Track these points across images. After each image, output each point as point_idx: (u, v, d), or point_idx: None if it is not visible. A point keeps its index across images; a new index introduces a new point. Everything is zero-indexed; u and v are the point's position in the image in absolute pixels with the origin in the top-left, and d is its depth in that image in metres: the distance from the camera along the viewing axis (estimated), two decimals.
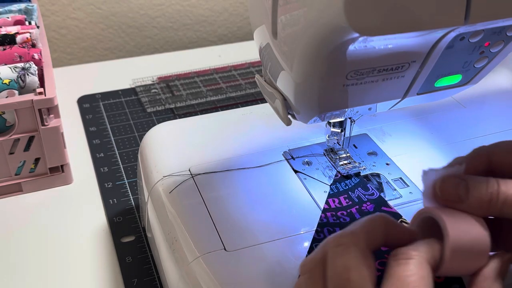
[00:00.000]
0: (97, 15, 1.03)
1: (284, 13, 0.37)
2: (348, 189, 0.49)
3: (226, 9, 1.11)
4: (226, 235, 0.44)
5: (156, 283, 0.54)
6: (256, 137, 0.56)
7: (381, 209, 0.46)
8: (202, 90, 0.88)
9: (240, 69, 0.95)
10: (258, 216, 0.46)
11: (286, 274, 0.41)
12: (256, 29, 0.43)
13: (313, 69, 0.36)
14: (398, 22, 0.31)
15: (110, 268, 0.56)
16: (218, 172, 0.51)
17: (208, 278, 0.41)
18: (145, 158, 0.55)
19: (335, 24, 0.31)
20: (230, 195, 0.49)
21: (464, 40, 0.37)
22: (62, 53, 1.05)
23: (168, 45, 1.11)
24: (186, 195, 0.49)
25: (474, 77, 0.43)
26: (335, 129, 0.50)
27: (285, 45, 0.38)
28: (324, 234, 0.44)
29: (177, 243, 0.45)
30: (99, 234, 0.61)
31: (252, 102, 0.85)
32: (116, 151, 0.74)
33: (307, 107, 0.41)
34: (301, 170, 0.52)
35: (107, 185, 0.68)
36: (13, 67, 0.62)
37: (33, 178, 0.65)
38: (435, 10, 0.31)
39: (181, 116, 0.81)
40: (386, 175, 0.51)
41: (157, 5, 1.06)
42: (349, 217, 0.46)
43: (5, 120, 0.62)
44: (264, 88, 0.45)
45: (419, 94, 0.42)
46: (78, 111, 0.83)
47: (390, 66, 0.37)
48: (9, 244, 0.59)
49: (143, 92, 0.87)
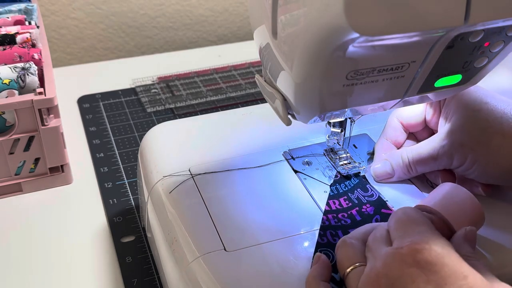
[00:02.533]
0: (97, 15, 1.03)
1: (284, 13, 0.37)
2: (348, 190, 0.49)
3: (226, 9, 1.11)
4: (226, 235, 0.44)
5: (156, 283, 0.54)
6: (256, 137, 0.56)
7: (380, 211, 0.46)
8: (202, 90, 0.88)
9: (240, 69, 0.95)
10: (258, 216, 0.46)
11: (286, 274, 0.41)
12: (256, 29, 0.43)
13: (313, 69, 0.36)
14: (398, 22, 0.31)
15: (110, 268, 0.56)
16: (218, 172, 0.51)
17: (208, 278, 0.41)
18: (145, 158, 0.55)
19: (335, 24, 0.31)
20: (230, 195, 0.49)
21: (464, 40, 0.37)
22: (62, 53, 1.05)
23: (168, 45, 1.11)
24: (186, 195, 0.49)
25: (474, 77, 0.43)
26: (335, 129, 0.50)
27: (285, 45, 0.38)
28: (327, 238, 0.44)
29: (177, 243, 0.45)
30: (99, 234, 0.61)
31: (252, 102, 0.85)
32: (116, 151, 0.74)
33: (307, 107, 0.41)
34: (301, 170, 0.51)
35: (107, 185, 0.68)
36: (13, 67, 0.62)
37: (33, 178, 0.65)
38: (435, 10, 0.31)
39: (181, 116, 0.81)
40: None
41: (157, 5, 1.06)
42: (350, 219, 0.46)
43: (5, 120, 0.62)
44: (264, 88, 0.45)
45: (419, 94, 0.42)
46: (78, 111, 0.83)
47: (390, 66, 0.37)
48: (9, 244, 0.59)
49: (143, 92, 0.87)
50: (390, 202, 0.47)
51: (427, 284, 0.33)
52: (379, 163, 0.50)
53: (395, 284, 0.34)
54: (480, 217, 0.40)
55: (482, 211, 0.40)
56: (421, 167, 0.47)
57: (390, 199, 0.48)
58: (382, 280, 0.34)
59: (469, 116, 0.45)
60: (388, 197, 0.48)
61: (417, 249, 0.34)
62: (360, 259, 0.38)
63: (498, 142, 0.44)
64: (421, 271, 0.33)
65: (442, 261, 0.33)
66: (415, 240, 0.35)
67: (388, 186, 0.50)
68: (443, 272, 0.33)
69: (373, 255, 0.37)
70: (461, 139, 0.45)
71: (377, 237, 0.39)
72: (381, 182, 0.50)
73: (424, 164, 0.47)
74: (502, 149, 0.44)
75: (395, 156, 0.49)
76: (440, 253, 0.34)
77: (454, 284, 0.32)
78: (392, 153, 0.49)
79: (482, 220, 0.41)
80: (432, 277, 0.33)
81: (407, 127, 0.52)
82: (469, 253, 0.36)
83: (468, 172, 0.46)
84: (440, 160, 0.46)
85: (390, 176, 0.49)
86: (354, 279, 0.37)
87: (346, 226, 0.45)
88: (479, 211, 0.40)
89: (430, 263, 0.34)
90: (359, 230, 0.42)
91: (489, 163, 0.44)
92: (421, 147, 0.47)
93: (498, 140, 0.43)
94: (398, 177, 0.49)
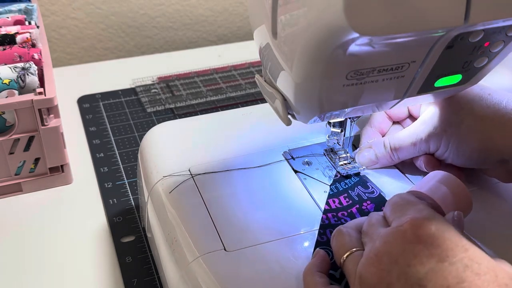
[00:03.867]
0: (97, 15, 1.03)
1: (284, 13, 0.37)
2: (348, 187, 0.49)
3: (226, 9, 1.11)
4: (226, 235, 0.44)
5: (156, 283, 0.54)
6: (256, 137, 0.56)
7: (381, 209, 0.46)
8: (202, 90, 0.88)
9: (240, 69, 0.95)
10: (258, 216, 0.46)
11: (286, 274, 0.41)
12: (256, 29, 0.43)
13: (313, 69, 0.36)
14: (398, 22, 0.31)
15: (110, 268, 0.56)
16: (218, 172, 0.51)
17: (208, 278, 0.41)
18: (145, 158, 0.55)
19: (335, 24, 0.31)
20: (230, 195, 0.49)
21: (464, 40, 0.37)
22: (62, 53, 1.05)
23: (168, 45, 1.11)
24: (186, 195, 0.49)
25: (474, 77, 0.43)
26: (335, 129, 0.50)
27: (285, 45, 0.38)
28: (327, 236, 0.44)
29: (177, 243, 0.45)
30: (99, 234, 0.61)
31: (252, 102, 0.85)
32: (116, 151, 0.74)
33: (307, 107, 0.41)
34: (301, 170, 0.51)
35: (107, 185, 0.68)
36: (13, 67, 0.62)
37: (33, 178, 0.65)
38: (435, 10, 0.31)
39: (181, 116, 0.81)
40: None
41: (157, 5, 1.06)
42: (350, 218, 0.46)
43: (5, 120, 0.62)
44: (264, 88, 0.45)
45: (419, 94, 0.42)
46: (78, 111, 0.83)
47: (390, 66, 0.37)
48: (9, 244, 0.59)
49: (143, 92, 0.87)
50: None
51: (430, 258, 0.33)
52: (364, 151, 0.51)
53: (398, 261, 0.34)
54: (469, 204, 0.41)
55: (471, 198, 0.41)
56: (402, 153, 0.49)
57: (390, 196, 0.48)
58: (383, 259, 0.34)
59: (443, 101, 0.47)
60: (388, 194, 0.48)
61: (418, 225, 0.35)
62: (357, 245, 0.38)
63: (468, 123, 0.45)
64: (423, 246, 0.34)
65: (443, 235, 0.34)
66: (415, 217, 0.35)
67: (388, 183, 0.50)
68: (445, 246, 0.33)
69: (370, 238, 0.37)
70: (435, 123, 0.47)
71: (373, 222, 0.39)
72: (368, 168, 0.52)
73: (404, 150, 0.49)
74: (472, 129, 0.45)
75: (379, 144, 0.50)
76: (440, 228, 0.34)
77: (456, 257, 0.33)
78: (376, 141, 0.51)
79: (470, 206, 0.42)
80: (434, 251, 0.33)
81: (391, 116, 0.54)
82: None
83: (444, 156, 0.48)
84: (419, 145, 0.48)
85: (374, 163, 0.51)
86: (352, 264, 0.37)
87: None
88: (467, 198, 0.41)
89: (431, 237, 0.34)
90: (353, 221, 0.42)
91: (461, 143, 0.46)
92: (401, 134, 0.49)
93: (469, 121, 0.45)
94: (382, 164, 0.51)
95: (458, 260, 0.33)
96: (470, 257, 0.33)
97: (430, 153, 0.49)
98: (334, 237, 0.40)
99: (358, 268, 0.36)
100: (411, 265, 0.33)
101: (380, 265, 0.34)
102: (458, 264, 0.32)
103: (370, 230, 0.38)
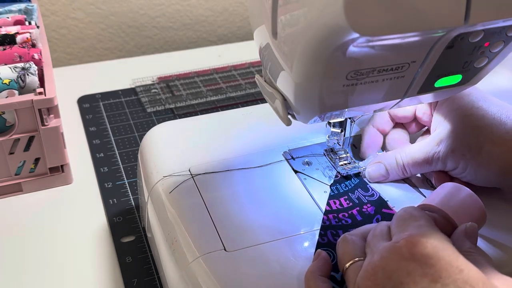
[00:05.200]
0: (97, 15, 1.03)
1: (284, 13, 0.37)
2: (348, 190, 0.49)
3: (226, 9, 1.11)
4: (226, 235, 0.44)
5: (156, 283, 0.54)
6: (256, 137, 0.56)
7: (381, 211, 0.46)
8: (202, 90, 0.88)
9: (240, 69, 0.95)
10: (258, 216, 0.46)
11: (286, 274, 0.41)
12: (256, 29, 0.43)
13: (313, 69, 0.36)
14: (398, 22, 0.31)
15: (110, 268, 0.56)
16: (218, 172, 0.51)
17: (208, 278, 0.41)
18: (145, 158, 0.55)
19: (335, 24, 0.31)
20: (230, 195, 0.49)
21: (464, 40, 0.37)
22: (62, 53, 1.05)
23: (168, 45, 1.11)
24: (186, 195, 0.49)
25: (474, 77, 0.43)
26: (335, 129, 0.50)
27: (285, 45, 0.38)
28: (328, 238, 0.44)
29: (177, 243, 0.45)
30: (99, 234, 0.61)
31: (252, 102, 0.85)
32: (116, 151, 0.74)
33: (307, 107, 0.41)
34: (301, 170, 0.51)
35: (107, 185, 0.68)
36: (13, 67, 0.62)
37: (33, 178, 0.65)
38: (435, 10, 0.31)
39: (181, 116, 0.81)
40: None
41: (157, 5, 1.06)
42: (351, 219, 0.46)
43: (5, 120, 0.62)
44: (264, 88, 0.45)
45: (419, 94, 0.42)
46: (78, 111, 0.83)
47: (390, 66, 0.37)
48: (9, 244, 0.59)
49: (143, 92, 0.87)
50: (391, 202, 0.47)
51: (423, 277, 0.33)
52: (373, 165, 0.50)
53: (392, 277, 0.34)
54: (482, 215, 0.41)
55: (484, 209, 0.41)
56: (416, 170, 0.48)
57: (390, 199, 0.48)
58: (379, 274, 0.34)
59: (461, 122, 0.46)
60: (388, 197, 0.48)
61: (413, 243, 0.34)
62: (360, 254, 0.39)
63: (488, 148, 0.44)
64: (417, 265, 0.33)
65: (437, 255, 0.34)
66: (412, 234, 0.35)
67: (388, 186, 0.50)
68: (439, 266, 0.33)
69: (371, 250, 0.37)
70: (453, 145, 0.46)
71: (377, 233, 0.39)
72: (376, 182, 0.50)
73: (418, 167, 0.48)
74: (492, 154, 0.44)
75: (389, 158, 0.49)
76: (436, 247, 0.34)
77: (449, 278, 0.32)
78: (386, 155, 0.50)
79: (484, 218, 0.41)
80: (428, 270, 0.33)
81: (394, 117, 0.53)
82: (470, 248, 0.37)
83: (462, 175, 0.47)
84: (435, 164, 0.47)
85: (385, 178, 0.50)
86: (353, 274, 0.37)
87: (347, 226, 0.45)
88: (481, 210, 0.40)
89: (426, 257, 0.34)
90: (360, 228, 0.42)
91: (480, 168, 0.45)
92: (415, 151, 0.48)
93: (488, 146, 0.44)
94: (392, 178, 0.50)
95: (451, 282, 0.32)
96: (464, 278, 0.32)
97: (445, 171, 0.48)
98: (340, 244, 0.41)
99: (357, 279, 0.36)
100: (404, 282, 0.33)
101: (376, 280, 0.34)
102: (451, 286, 0.32)
103: (373, 242, 0.38)
